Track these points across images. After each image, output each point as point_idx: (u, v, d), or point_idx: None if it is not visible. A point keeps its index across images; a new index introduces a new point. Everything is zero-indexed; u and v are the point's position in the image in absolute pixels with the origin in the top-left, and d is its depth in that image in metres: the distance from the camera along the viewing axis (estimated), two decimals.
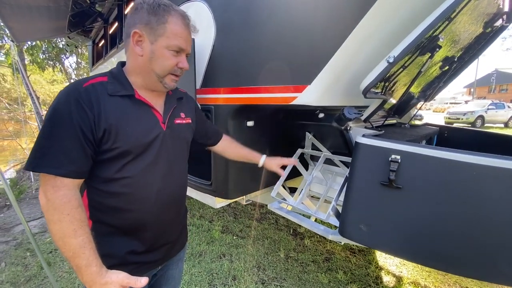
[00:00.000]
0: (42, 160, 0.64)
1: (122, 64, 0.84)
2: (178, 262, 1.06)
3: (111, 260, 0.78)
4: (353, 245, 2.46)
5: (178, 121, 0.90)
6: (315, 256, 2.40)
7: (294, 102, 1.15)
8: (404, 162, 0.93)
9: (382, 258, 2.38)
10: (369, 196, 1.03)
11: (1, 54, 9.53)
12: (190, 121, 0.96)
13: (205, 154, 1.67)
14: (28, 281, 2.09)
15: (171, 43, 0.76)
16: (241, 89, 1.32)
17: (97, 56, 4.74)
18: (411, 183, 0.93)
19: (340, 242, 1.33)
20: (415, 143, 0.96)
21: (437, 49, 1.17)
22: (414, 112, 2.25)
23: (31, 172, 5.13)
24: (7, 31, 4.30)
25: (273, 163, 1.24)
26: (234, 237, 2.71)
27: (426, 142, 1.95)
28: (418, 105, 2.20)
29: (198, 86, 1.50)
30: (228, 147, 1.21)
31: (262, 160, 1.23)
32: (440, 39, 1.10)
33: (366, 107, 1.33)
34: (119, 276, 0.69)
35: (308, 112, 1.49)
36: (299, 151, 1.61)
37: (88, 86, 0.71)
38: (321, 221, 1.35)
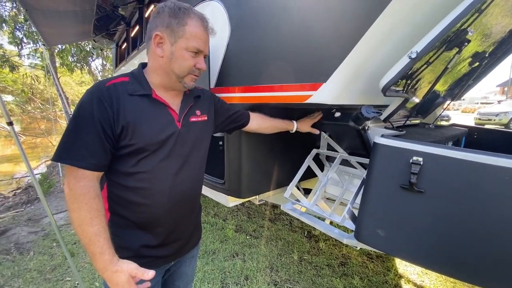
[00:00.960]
0: (66, 153, 0.70)
1: (143, 65, 0.88)
2: (191, 259, 1.08)
3: (127, 252, 0.83)
4: (370, 250, 2.37)
5: (193, 119, 0.92)
6: (330, 260, 2.33)
7: (308, 101, 1.12)
8: (427, 165, 0.87)
9: (402, 266, 2.27)
10: (388, 199, 0.97)
11: (36, 57, 10.27)
12: (206, 118, 0.97)
13: (219, 152, 1.68)
14: (53, 270, 2.23)
15: (190, 44, 0.80)
16: (255, 87, 1.31)
17: (120, 58, 4.96)
18: (434, 187, 0.86)
19: (356, 247, 1.28)
20: (439, 144, 0.89)
21: (466, 44, 1.08)
22: (440, 112, 2.12)
23: (60, 168, 5.48)
24: (40, 36, 4.62)
25: (305, 124, 1.40)
26: (247, 237, 2.71)
27: (453, 144, 1.83)
28: (445, 105, 2.07)
29: (212, 85, 1.51)
30: (262, 123, 1.27)
31: (295, 126, 1.37)
32: (469, 33, 1.01)
33: (386, 106, 1.27)
34: (130, 266, 0.72)
35: (323, 111, 1.44)
36: (314, 151, 1.57)
37: (110, 86, 0.76)
38: (336, 224, 1.30)
